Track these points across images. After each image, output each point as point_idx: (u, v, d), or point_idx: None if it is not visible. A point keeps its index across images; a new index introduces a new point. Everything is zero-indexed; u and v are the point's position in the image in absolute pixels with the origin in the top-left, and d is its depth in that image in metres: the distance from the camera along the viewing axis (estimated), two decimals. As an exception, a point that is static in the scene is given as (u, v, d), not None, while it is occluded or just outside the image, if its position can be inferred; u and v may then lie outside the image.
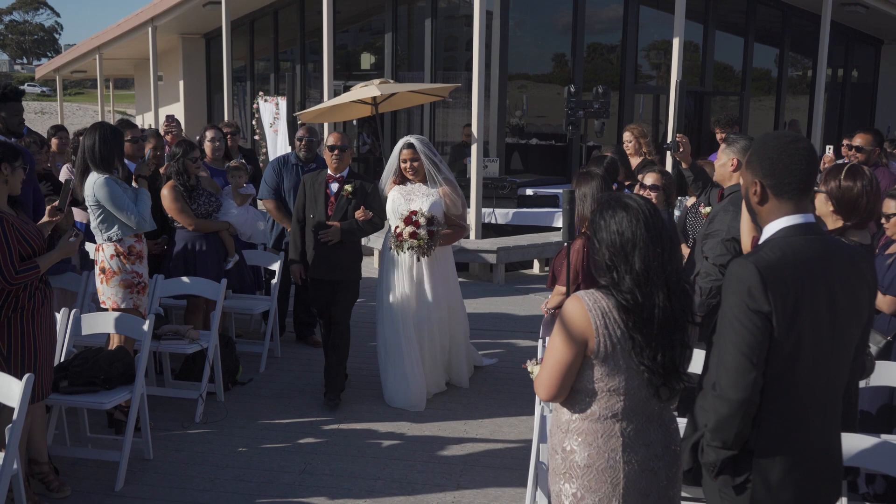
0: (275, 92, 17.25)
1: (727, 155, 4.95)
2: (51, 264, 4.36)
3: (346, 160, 6.19)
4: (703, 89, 15.61)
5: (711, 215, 4.89)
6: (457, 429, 5.80)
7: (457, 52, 14.87)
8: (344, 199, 6.09)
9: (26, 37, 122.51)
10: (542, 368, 2.90)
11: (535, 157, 14.66)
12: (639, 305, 2.71)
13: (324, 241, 6.04)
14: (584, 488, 2.83)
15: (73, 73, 27.58)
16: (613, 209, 2.81)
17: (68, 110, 31.28)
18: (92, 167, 5.48)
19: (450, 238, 6.32)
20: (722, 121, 8.04)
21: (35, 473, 4.64)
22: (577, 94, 10.81)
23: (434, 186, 6.23)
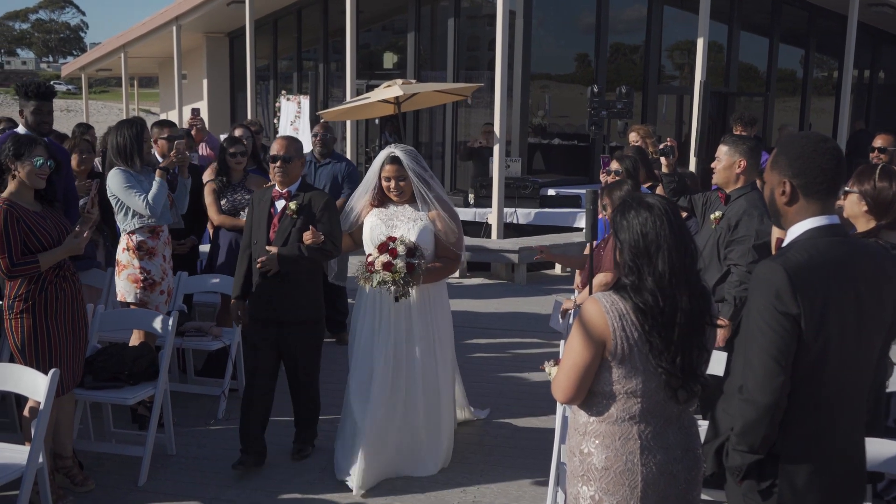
0: (297, 91, 17.30)
1: (733, 156, 4.87)
2: (53, 261, 4.37)
3: (295, 172, 5.05)
4: (728, 90, 15.51)
5: (729, 221, 4.82)
6: (477, 428, 5.79)
7: (479, 51, 14.87)
8: (287, 220, 4.97)
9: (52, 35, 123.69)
10: (559, 370, 2.89)
11: (558, 158, 14.63)
12: (658, 308, 2.70)
13: (261, 270, 4.96)
14: (602, 491, 2.82)
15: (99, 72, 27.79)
16: (636, 209, 2.80)
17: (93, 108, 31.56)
18: (115, 162, 5.58)
19: (439, 273, 5.03)
20: (744, 118, 7.99)
21: (59, 468, 4.69)
22: (601, 94, 10.79)
23: (423, 209, 5.00)
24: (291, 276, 4.94)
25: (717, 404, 2.80)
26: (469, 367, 7.09)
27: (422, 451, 5.07)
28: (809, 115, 17.28)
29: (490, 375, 6.89)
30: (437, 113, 14.54)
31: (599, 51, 13.76)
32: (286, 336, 5.00)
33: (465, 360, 7.29)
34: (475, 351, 7.61)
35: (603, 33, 13.70)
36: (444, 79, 13.95)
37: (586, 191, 4.86)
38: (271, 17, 18.67)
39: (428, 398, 5.02)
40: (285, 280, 4.95)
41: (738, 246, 4.74)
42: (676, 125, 15.49)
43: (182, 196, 5.96)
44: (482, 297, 9.64)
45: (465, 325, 8.39)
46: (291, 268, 4.91)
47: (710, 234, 4.93)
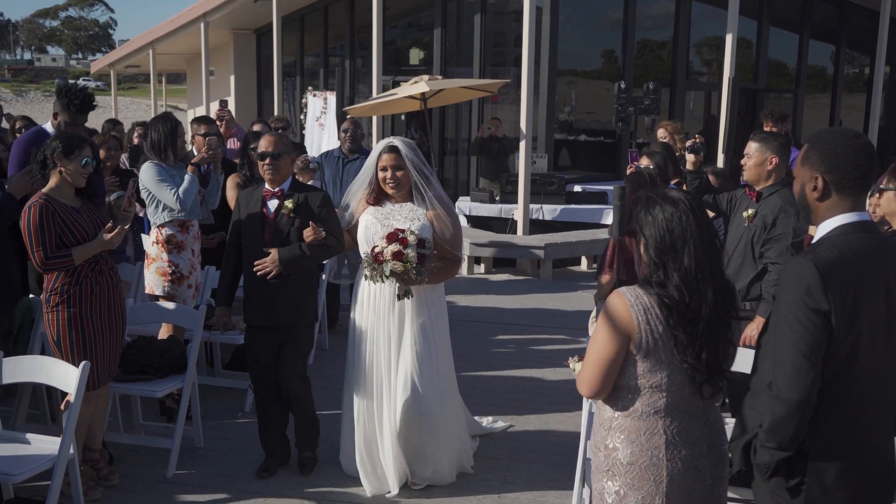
0: (324, 87, 17.37)
1: (764, 153, 4.84)
2: (87, 255, 4.42)
3: (285, 169, 4.81)
4: (757, 86, 15.38)
5: (765, 219, 4.79)
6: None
7: (505, 48, 14.84)
8: (284, 219, 4.74)
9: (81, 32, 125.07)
10: (584, 365, 2.89)
11: (584, 154, 14.58)
12: (684, 303, 2.70)
13: (260, 273, 4.69)
14: (627, 486, 2.81)
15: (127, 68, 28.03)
16: (661, 204, 2.79)
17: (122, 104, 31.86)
18: (149, 156, 5.66)
19: (439, 274, 4.69)
20: (775, 114, 7.92)
21: (87, 459, 4.75)
22: (628, 90, 10.73)
23: (421, 206, 4.71)
24: (291, 279, 4.71)
25: (744, 401, 2.78)
26: (494, 362, 7.10)
27: (433, 454, 4.78)
28: (840, 111, 17.09)
29: (515, 371, 6.89)
30: (462, 109, 14.54)
31: (626, 47, 13.69)
32: (283, 342, 4.79)
33: (490, 355, 7.30)
34: (500, 347, 7.61)
35: (630, 29, 13.63)
36: (470, 75, 13.94)
37: (614, 186, 4.84)
38: (298, 13, 18.76)
39: (428, 401, 4.68)
40: (284, 283, 4.70)
41: (776, 244, 4.72)
42: (704, 121, 15.38)
43: (214, 192, 6.01)
44: (507, 293, 9.64)
45: (490, 320, 8.40)
46: (290, 268, 4.68)
47: (743, 233, 4.89)
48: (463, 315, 8.51)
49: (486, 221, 11.41)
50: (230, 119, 9.40)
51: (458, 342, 7.53)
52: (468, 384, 6.53)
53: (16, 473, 3.98)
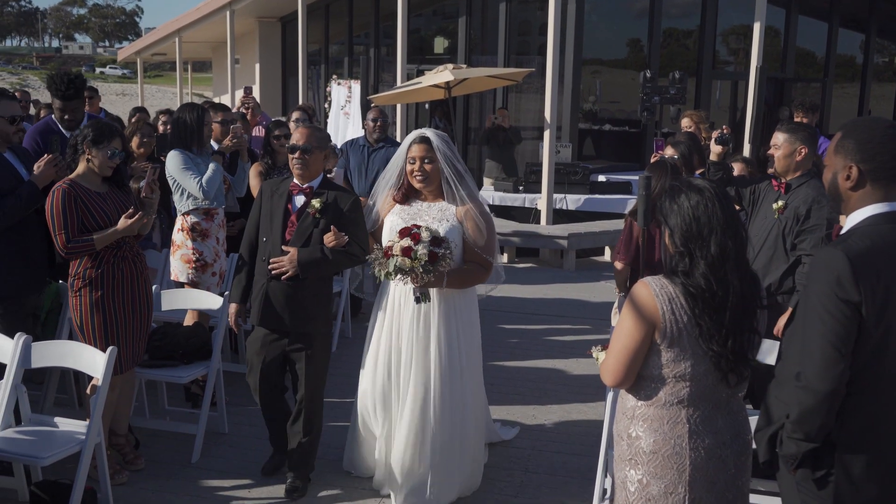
0: (348, 75, 17.38)
1: (793, 144, 4.80)
2: (107, 241, 4.44)
3: (316, 165, 4.51)
4: (784, 75, 15.21)
5: (797, 210, 4.76)
6: (525, 413, 5.80)
7: (530, 36, 14.78)
8: (309, 219, 4.42)
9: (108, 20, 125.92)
10: (608, 354, 2.90)
11: (608, 144, 14.51)
12: (711, 291, 2.69)
13: (275, 273, 4.41)
14: (650, 475, 2.81)
15: (154, 56, 28.19)
16: (687, 193, 2.79)
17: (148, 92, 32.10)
18: (175, 143, 5.70)
19: (465, 277, 4.38)
20: (805, 105, 7.83)
21: (112, 444, 4.80)
22: (653, 79, 10.66)
23: (451, 203, 4.40)
24: (307, 282, 4.41)
25: (769, 391, 2.77)
26: (517, 352, 7.10)
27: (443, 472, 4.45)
28: (869, 101, 16.88)
29: (538, 361, 6.89)
30: (487, 98, 14.50)
31: (652, 35, 13.59)
32: (293, 351, 4.50)
33: (513, 345, 7.30)
34: (523, 336, 7.60)
35: (656, 18, 13.52)
36: (495, 63, 13.90)
37: (640, 176, 4.82)
38: (323, 1, 18.77)
39: (448, 417, 4.39)
40: (300, 286, 4.41)
41: (811, 235, 4.69)
42: (731, 111, 15.24)
43: (241, 180, 6.05)
44: (531, 282, 9.62)
45: (513, 310, 8.39)
46: (308, 271, 4.37)
47: (773, 225, 4.85)
48: (486, 304, 8.46)
49: (509, 211, 11.39)
50: (255, 106, 9.42)
51: (482, 332, 7.53)
52: (490, 374, 6.53)
53: (44, 456, 4.03)
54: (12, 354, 4.30)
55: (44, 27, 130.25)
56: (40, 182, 4.70)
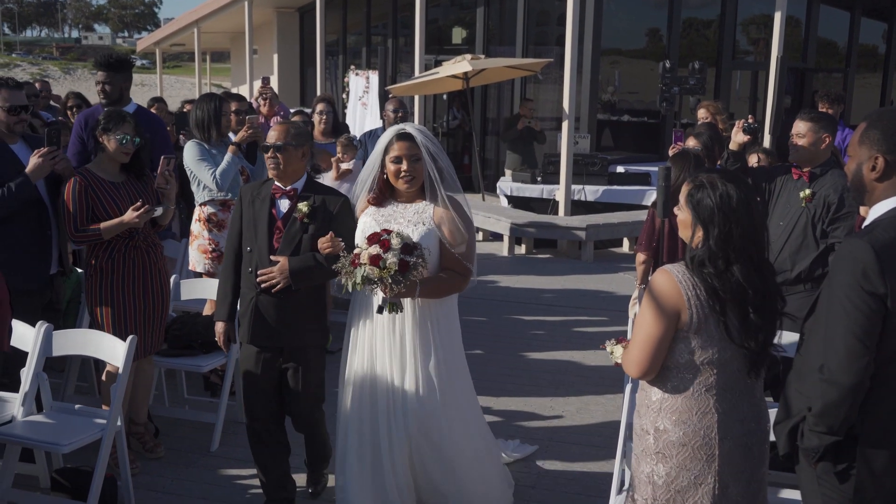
0: (366, 66, 17.38)
1: (818, 132, 4.80)
2: (114, 231, 4.45)
3: (294, 164, 4.09)
4: (805, 65, 15.08)
5: (827, 198, 4.74)
6: (543, 405, 5.79)
7: (548, 27, 14.70)
8: (297, 225, 4.04)
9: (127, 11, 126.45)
10: (632, 345, 2.87)
11: (627, 134, 14.44)
12: (743, 292, 2.68)
13: (265, 285, 4.02)
14: (679, 467, 2.80)
15: (172, 47, 28.34)
16: (715, 187, 2.77)
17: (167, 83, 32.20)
18: (193, 134, 5.73)
19: (441, 286, 3.94)
20: (830, 96, 7.76)
21: (132, 432, 4.84)
22: (673, 69, 10.58)
23: (430, 206, 3.98)
24: (301, 293, 4.05)
25: (788, 383, 2.75)
26: (535, 343, 7.09)
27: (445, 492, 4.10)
28: (892, 91, 16.70)
29: (555, 353, 6.87)
30: (505, 88, 14.45)
31: (672, 25, 13.49)
32: (288, 366, 4.14)
33: (531, 336, 7.29)
34: (541, 328, 7.59)
35: (676, 7, 13.42)
36: (513, 54, 13.85)
37: (659, 167, 4.79)
38: (341, -9, 18.78)
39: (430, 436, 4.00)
40: (291, 297, 4.03)
41: (844, 223, 4.68)
42: (750, 101, 15.12)
43: (260, 170, 6.05)
44: (548, 273, 9.60)
45: (530, 301, 8.38)
46: (300, 282, 4.00)
47: (800, 213, 4.83)
48: (504, 296, 8.50)
49: (527, 202, 11.35)
50: (273, 97, 9.42)
51: (498, 322, 7.57)
52: (508, 365, 6.54)
53: (64, 444, 4.06)
54: (34, 343, 4.33)
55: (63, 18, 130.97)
56: (34, 176, 4.53)
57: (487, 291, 8.53)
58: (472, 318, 7.24)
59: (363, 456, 4.04)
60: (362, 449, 4.04)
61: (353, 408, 4.07)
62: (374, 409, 4.02)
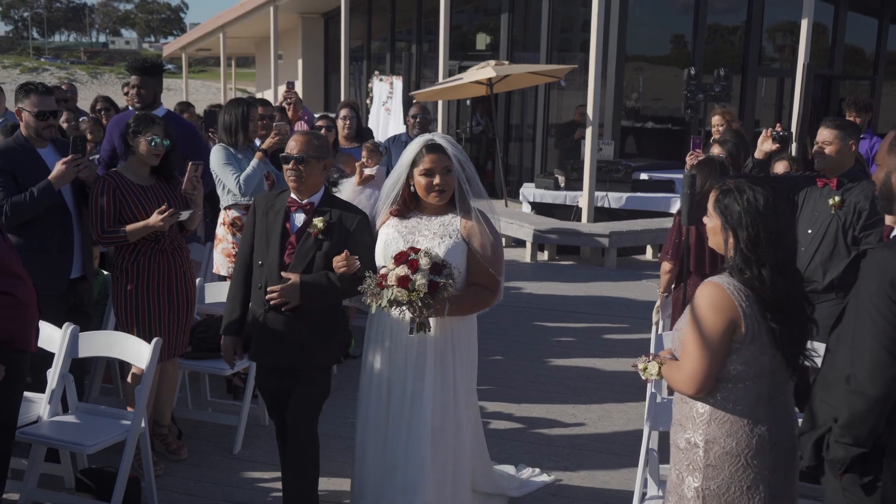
0: (390, 71, 17.43)
1: (845, 140, 4.81)
2: (139, 234, 4.49)
3: (315, 177, 3.92)
4: (832, 73, 14.95)
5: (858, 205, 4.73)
6: (565, 412, 5.77)
7: (573, 33, 14.67)
8: (311, 241, 3.86)
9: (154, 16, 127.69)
10: (686, 362, 2.80)
11: (651, 141, 14.37)
12: (781, 297, 2.70)
13: (274, 303, 3.84)
14: (731, 478, 2.78)
15: (198, 52, 28.52)
16: (740, 190, 2.77)
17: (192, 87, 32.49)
18: (221, 138, 5.78)
19: (470, 302, 3.81)
20: (858, 103, 7.70)
21: (156, 434, 4.88)
22: (697, 76, 10.52)
23: (457, 218, 3.84)
24: (312, 312, 3.87)
25: (814, 394, 2.73)
26: (557, 350, 7.07)
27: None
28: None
29: (578, 360, 6.85)
30: (528, 94, 14.44)
31: (697, 31, 13.42)
32: (293, 383, 3.95)
33: (553, 343, 7.27)
34: (563, 335, 7.57)
35: (702, 13, 13.35)
36: (537, 60, 13.83)
37: (684, 174, 4.76)
38: (366, -3, 18.86)
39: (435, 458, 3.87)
40: (303, 316, 3.85)
41: (876, 229, 4.67)
42: (776, 109, 15.01)
43: None
44: (571, 280, 9.57)
45: (553, 308, 8.36)
46: (311, 300, 3.82)
47: (830, 220, 4.82)
48: (527, 302, 8.49)
49: (549, 208, 11.33)
50: (297, 101, 9.46)
51: (521, 329, 7.56)
52: (530, 372, 6.53)
53: (89, 444, 4.10)
54: (60, 344, 4.38)
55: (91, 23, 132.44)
56: (57, 182, 4.60)
57: (510, 298, 8.51)
58: (494, 325, 7.24)
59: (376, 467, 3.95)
60: (376, 460, 3.95)
61: (371, 422, 3.97)
62: (388, 423, 3.92)
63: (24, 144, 4.73)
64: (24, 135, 4.77)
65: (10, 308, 3.57)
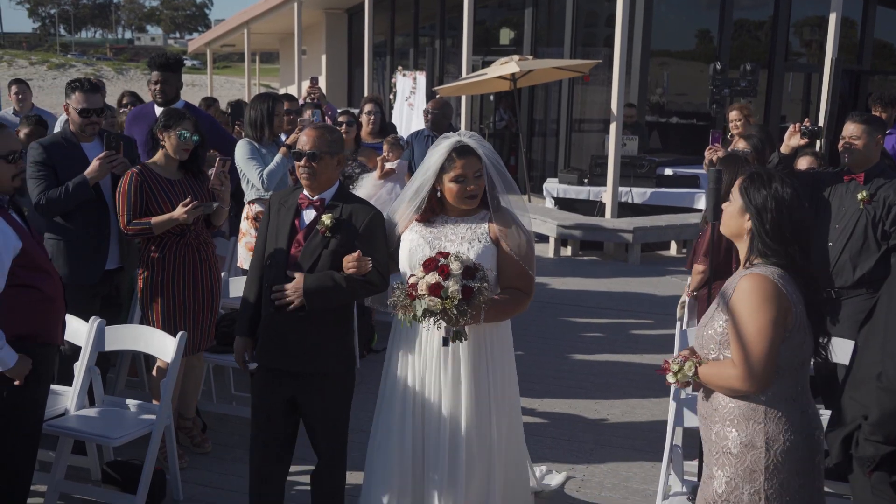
0: (413, 67, 17.42)
1: (872, 134, 4.80)
2: (164, 227, 4.52)
3: (328, 173, 3.71)
4: (861, 68, 14.78)
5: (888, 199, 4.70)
6: (588, 407, 5.76)
7: (597, 28, 14.59)
8: (318, 238, 3.66)
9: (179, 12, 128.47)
10: (746, 357, 2.67)
11: (675, 137, 14.28)
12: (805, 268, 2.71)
13: (279, 303, 3.64)
14: (791, 474, 2.70)
15: (223, 47, 28.69)
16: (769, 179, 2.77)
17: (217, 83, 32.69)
18: (247, 133, 5.83)
19: (505, 307, 3.63)
20: (884, 98, 7.62)
21: (181, 427, 4.91)
22: (723, 71, 10.44)
23: (482, 220, 3.67)
24: (318, 314, 3.64)
25: (843, 391, 2.70)
26: (580, 345, 7.05)
27: None
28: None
29: (601, 356, 6.83)
30: (552, 89, 14.39)
31: (723, 26, 13.31)
32: (304, 393, 3.73)
33: (577, 338, 7.25)
34: (587, 330, 7.55)
35: (728, 8, 13.24)
36: (561, 55, 13.78)
37: (709, 170, 4.72)
38: (389, -7, 18.86)
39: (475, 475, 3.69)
40: (308, 318, 3.64)
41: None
42: (803, 104, 14.87)
43: None
44: (594, 275, 9.54)
45: (576, 303, 8.33)
46: (316, 302, 3.60)
47: (859, 215, 4.77)
48: (549, 297, 8.46)
49: (572, 204, 11.29)
50: (321, 97, 9.50)
51: (544, 325, 7.54)
52: (553, 367, 6.52)
53: (115, 437, 4.15)
54: (87, 337, 4.42)
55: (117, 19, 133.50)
56: (92, 178, 4.73)
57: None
58: (516, 320, 7.14)
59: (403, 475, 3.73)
60: (402, 467, 3.72)
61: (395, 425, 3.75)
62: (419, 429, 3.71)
63: (69, 139, 4.90)
64: (70, 130, 4.93)
65: (36, 303, 3.61)
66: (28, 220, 3.75)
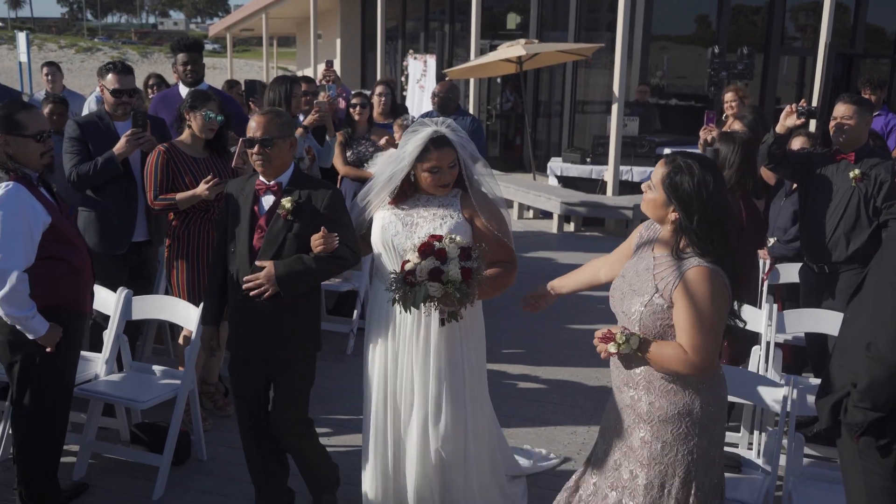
0: (424, 50, 17.32)
1: (863, 115, 4.76)
2: (188, 203, 4.53)
3: (282, 157, 3.55)
4: (853, 51, 14.63)
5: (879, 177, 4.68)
6: (588, 375, 5.77)
7: (600, 13, 14.47)
8: (280, 223, 3.51)
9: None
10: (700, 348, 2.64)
11: (675, 118, 14.19)
12: (731, 252, 2.74)
13: (253, 293, 3.48)
14: (718, 433, 2.87)
15: (242, 32, 28.56)
16: (691, 171, 2.73)
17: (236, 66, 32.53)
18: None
19: (498, 282, 3.52)
20: (873, 81, 7.56)
21: (204, 392, 4.95)
22: (721, 55, 10.36)
23: (454, 197, 3.55)
24: (289, 298, 3.50)
25: (832, 360, 2.70)
26: (581, 317, 7.05)
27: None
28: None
29: (600, 325, 6.76)
30: (556, 72, 14.30)
31: (721, 11, 13.19)
32: (277, 373, 3.60)
33: (577, 309, 7.25)
34: (587, 302, 7.53)
35: (726, -6, 13.12)
36: (565, 39, 13.69)
37: (707, 149, 4.69)
38: (401, -21, 18.72)
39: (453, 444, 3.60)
40: (278, 303, 3.49)
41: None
42: (797, 87, 14.74)
43: (327, 152, 6.10)
44: (596, 250, 9.51)
45: (578, 277, 8.32)
46: (288, 287, 3.46)
47: (851, 192, 4.74)
48: (553, 271, 8.45)
49: (575, 182, 11.27)
50: (336, 79, 9.45)
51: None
52: (553, 338, 6.53)
53: (143, 400, 4.18)
54: (115, 307, 4.44)
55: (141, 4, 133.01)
56: (120, 155, 4.73)
57: (537, 266, 8.50)
58: (521, 292, 7.21)
59: (384, 465, 3.68)
60: (384, 458, 3.67)
61: (375, 416, 3.67)
62: (396, 418, 3.63)
63: (102, 118, 4.94)
64: (105, 109, 4.98)
65: (66, 274, 3.63)
66: (57, 195, 3.76)
